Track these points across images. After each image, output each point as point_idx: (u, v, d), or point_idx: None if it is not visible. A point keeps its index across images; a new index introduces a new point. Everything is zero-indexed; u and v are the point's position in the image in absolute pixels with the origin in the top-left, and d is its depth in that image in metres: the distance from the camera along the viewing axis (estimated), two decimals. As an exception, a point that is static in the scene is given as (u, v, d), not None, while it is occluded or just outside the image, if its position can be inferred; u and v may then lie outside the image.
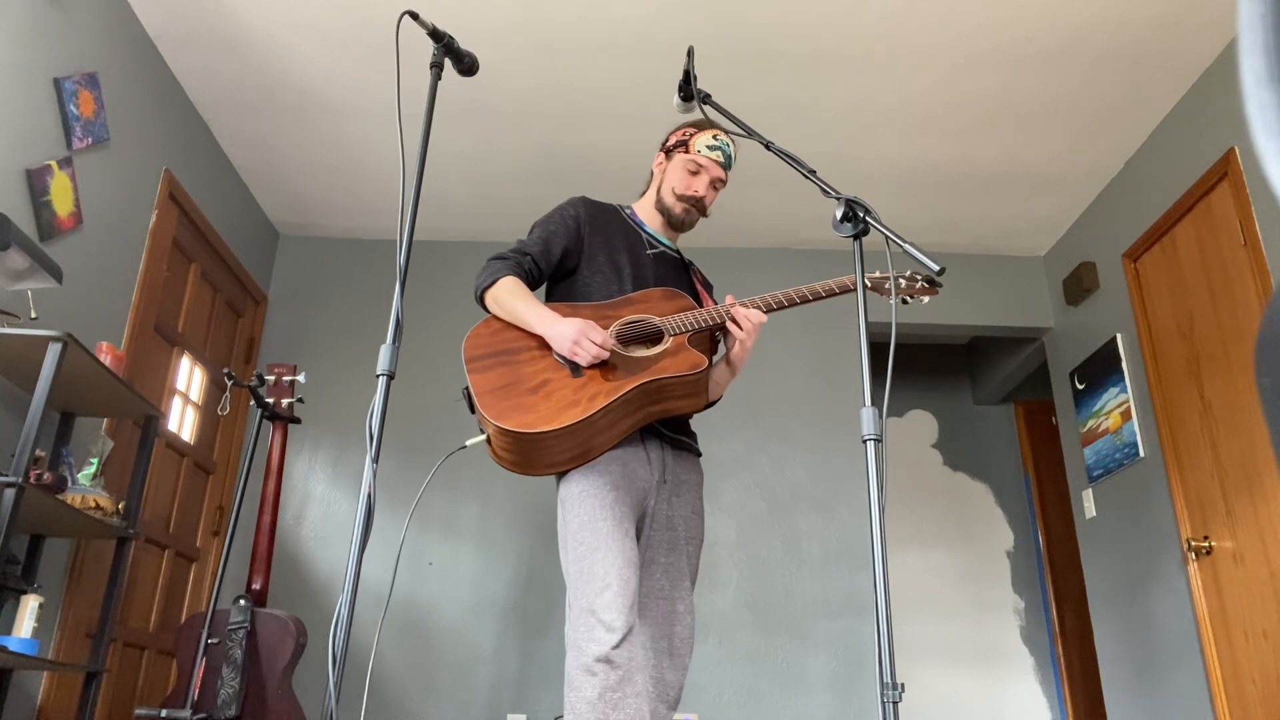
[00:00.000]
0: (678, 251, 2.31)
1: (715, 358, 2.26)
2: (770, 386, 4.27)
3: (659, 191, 2.25)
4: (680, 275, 2.26)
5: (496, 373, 1.92)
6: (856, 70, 3.33)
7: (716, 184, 2.23)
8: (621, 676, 1.74)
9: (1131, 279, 3.76)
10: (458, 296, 4.36)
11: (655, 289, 2.12)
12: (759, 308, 2.08)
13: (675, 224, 2.24)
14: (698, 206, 2.22)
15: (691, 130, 2.23)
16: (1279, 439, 0.40)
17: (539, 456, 1.89)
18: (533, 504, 4.03)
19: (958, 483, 5.26)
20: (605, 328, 2.00)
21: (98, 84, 2.92)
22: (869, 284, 2.08)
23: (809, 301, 2.14)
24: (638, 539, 2.00)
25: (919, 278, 2.15)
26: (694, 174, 2.20)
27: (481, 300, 2.06)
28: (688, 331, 2.02)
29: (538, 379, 1.92)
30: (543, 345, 1.97)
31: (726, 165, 2.22)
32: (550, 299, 2.19)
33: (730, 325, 2.05)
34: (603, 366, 1.93)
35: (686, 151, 2.21)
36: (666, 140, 2.28)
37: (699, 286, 2.26)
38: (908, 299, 2.16)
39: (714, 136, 2.21)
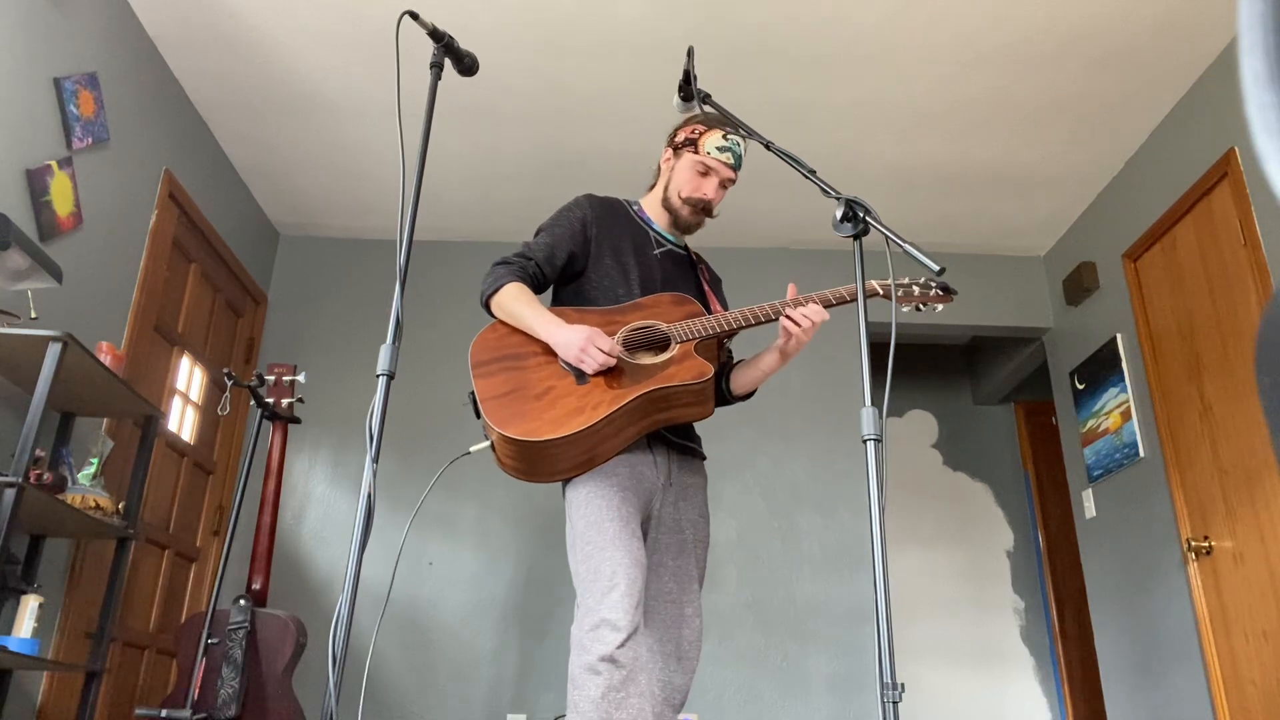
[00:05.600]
0: (685, 248, 2.28)
1: (735, 359, 2.24)
2: (770, 386, 4.27)
3: (666, 190, 2.20)
4: (687, 273, 2.24)
5: (501, 379, 1.92)
6: (856, 70, 3.33)
7: (725, 184, 2.17)
8: (625, 676, 1.74)
9: (1131, 279, 3.76)
10: (458, 296, 4.36)
11: (664, 294, 2.09)
12: (816, 303, 2.01)
13: (681, 227, 2.21)
14: (705, 210, 2.17)
15: (701, 128, 2.15)
16: (1279, 439, 0.40)
17: (543, 464, 1.88)
18: (533, 504, 4.03)
19: (958, 483, 5.26)
20: (612, 334, 1.98)
21: (98, 84, 2.92)
22: (882, 291, 2.05)
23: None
24: (644, 540, 1.99)
25: (933, 285, 2.08)
26: (703, 175, 2.15)
27: (487, 306, 2.05)
28: (695, 339, 2.00)
29: (542, 385, 1.90)
30: (548, 351, 1.96)
31: (736, 166, 2.15)
32: (557, 302, 2.17)
33: (786, 322, 1.98)
34: (608, 374, 1.92)
35: (695, 151, 2.14)
36: (675, 135, 2.20)
37: (706, 285, 2.23)
38: (921, 306, 2.10)
39: (724, 136, 2.13)
